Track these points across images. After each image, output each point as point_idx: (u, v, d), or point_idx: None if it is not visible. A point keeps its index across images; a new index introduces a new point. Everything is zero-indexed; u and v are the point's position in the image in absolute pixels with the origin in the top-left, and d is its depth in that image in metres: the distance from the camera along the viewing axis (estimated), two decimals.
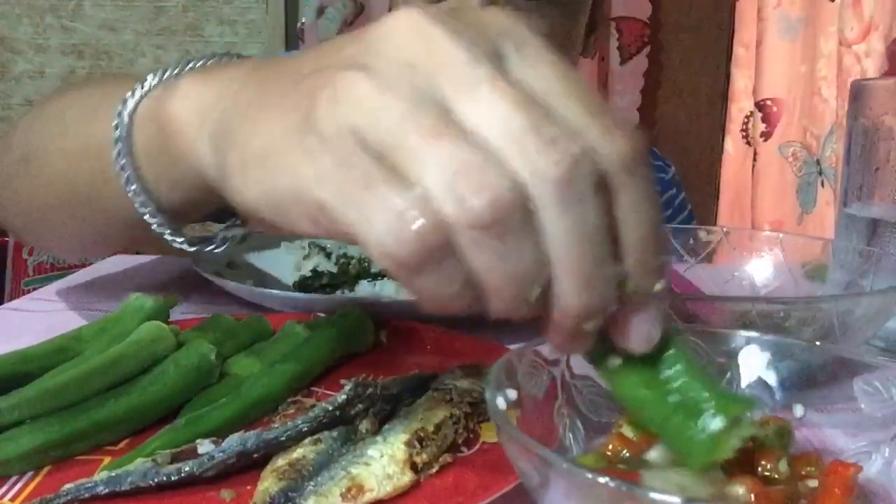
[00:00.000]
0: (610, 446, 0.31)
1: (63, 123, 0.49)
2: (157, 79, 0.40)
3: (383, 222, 0.25)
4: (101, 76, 0.49)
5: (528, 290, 0.27)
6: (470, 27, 0.27)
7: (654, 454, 0.30)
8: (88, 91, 0.50)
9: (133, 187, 0.40)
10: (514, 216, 0.25)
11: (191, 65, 0.40)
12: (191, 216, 0.44)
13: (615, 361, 0.29)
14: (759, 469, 0.29)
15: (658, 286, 0.28)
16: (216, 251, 0.43)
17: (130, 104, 0.40)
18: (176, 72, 0.40)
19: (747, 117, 2.05)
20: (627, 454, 0.31)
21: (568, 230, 0.25)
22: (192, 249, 0.42)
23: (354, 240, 0.27)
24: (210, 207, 0.41)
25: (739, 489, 0.26)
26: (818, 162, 1.91)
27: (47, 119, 0.51)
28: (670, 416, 0.28)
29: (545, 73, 0.27)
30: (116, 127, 0.40)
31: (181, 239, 0.42)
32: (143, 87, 0.40)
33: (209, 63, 0.40)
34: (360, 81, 0.26)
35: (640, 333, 0.28)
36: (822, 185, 1.91)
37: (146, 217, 0.41)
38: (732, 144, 2.10)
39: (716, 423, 0.27)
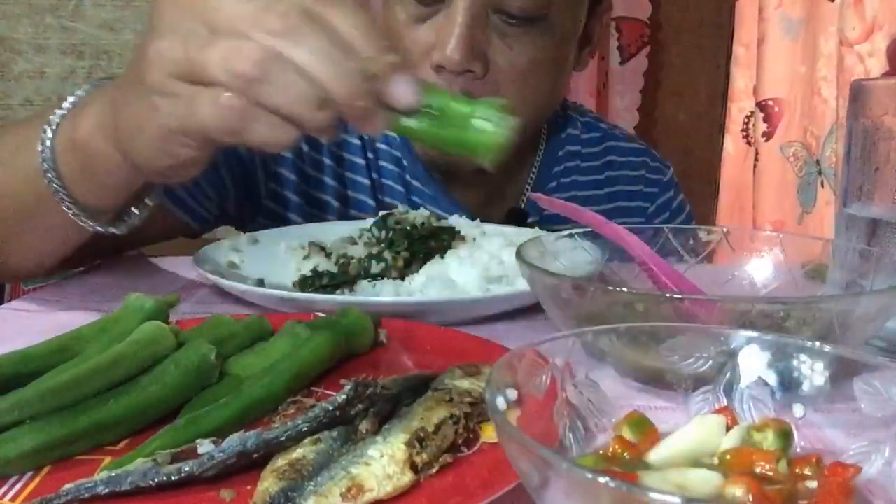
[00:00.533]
0: (610, 449, 0.31)
1: None
2: (58, 117, 0.54)
3: (198, 108, 0.41)
4: (24, 118, 0.61)
5: (306, 96, 0.41)
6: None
7: (654, 456, 0.30)
8: (15, 130, 0.60)
9: (66, 201, 0.53)
10: (265, 60, 0.40)
11: (80, 92, 0.56)
12: (111, 212, 0.57)
13: (400, 120, 0.44)
14: (758, 470, 0.29)
15: (391, 59, 0.42)
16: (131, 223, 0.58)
17: (48, 143, 0.53)
18: (70, 103, 0.55)
19: (748, 117, 2.05)
20: (627, 456, 0.31)
21: (301, 55, 0.40)
22: (113, 228, 0.56)
23: (197, 128, 0.43)
24: (122, 199, 0.56)
25: (738, 490, 0.26)
26: (818, 162, 1.91)
27: None
28: (452, 133, 0.45)
29: None
30: (43, 161, 0.53)
31: (109, 228, 0.56)
32: (52, 126, 0.54)
33: (93, 89, 0.56)
34: (154, 45, 0.42)
35: (403, 92, 0.43)
36: (822, 184, 1.91)
37: (77, 220, 0.54)
38: (733, 144, 2.10)
39: (485, 124, 0.44)
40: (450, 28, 0.72)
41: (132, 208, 0.58)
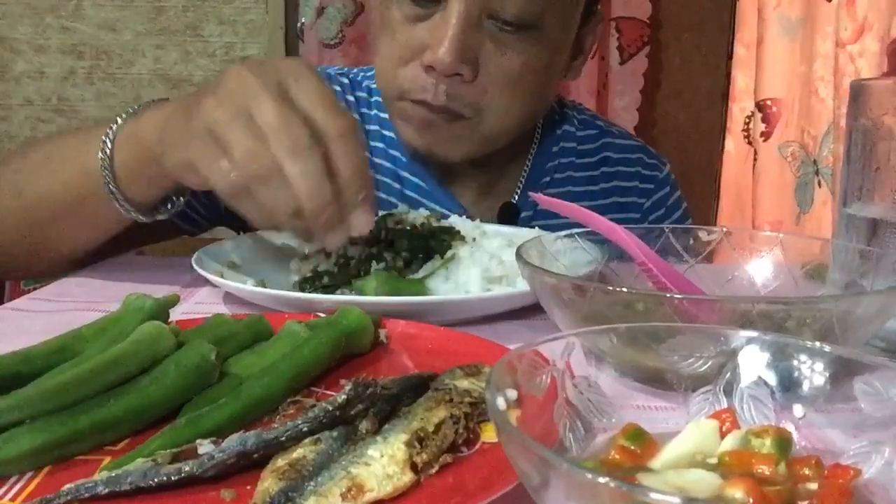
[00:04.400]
0: (610, 456, 0.31)
1: (52, 161, 0.69)
2: (119, 123, 0.64)
3: (219, 176, 0.54)
4: (66, 132, 0.76)
5: (289, 204, 0.53)
6: (267, 70, 0.56)
7: (655, 464, 0.30)
8: (63, 139, 0.72)
9: (116, 195, 0.64)
10: (270, 168, 0.52)
11: (142, 106, 0.66)
12: (151, 204, 0.67)
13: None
14: (758, 472, 0.29)
15: (361, 195, 0.55)
16: (168, 213, 0.69)
17: (114, 130, 0.64)
18: (128, 114, 0.65)
19: (748, 117, 2.06)
20: (628, 464, 0.31)
21: (292, 170, 0.52)
22: (157, 216, 0.68)
23: (206, 180, 0.56)
24: (162, 194, 0.66)
25: (738, 492, 0.26)
26: (815, 162, 1.91)
27: (33, 162, 0.71)
28: None
29: (304, 85, 0.55)
30: (103, 151, 0.63)
31: (144, 218, 0.67)
32: (119, 122, 0.64)
33: (153, 104, 0.66)
34: (210, 103, 0.55)
35: (361, 221, 0.56)
36: (819, 184, 1.91)
37: (127, 213, 0.65)
38: (734, 144, 2.10)
39: None
40: (443, 30, 0.73)
41: (166, 205, 0.69)
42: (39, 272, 0.81)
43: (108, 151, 0.63)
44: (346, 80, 0.95)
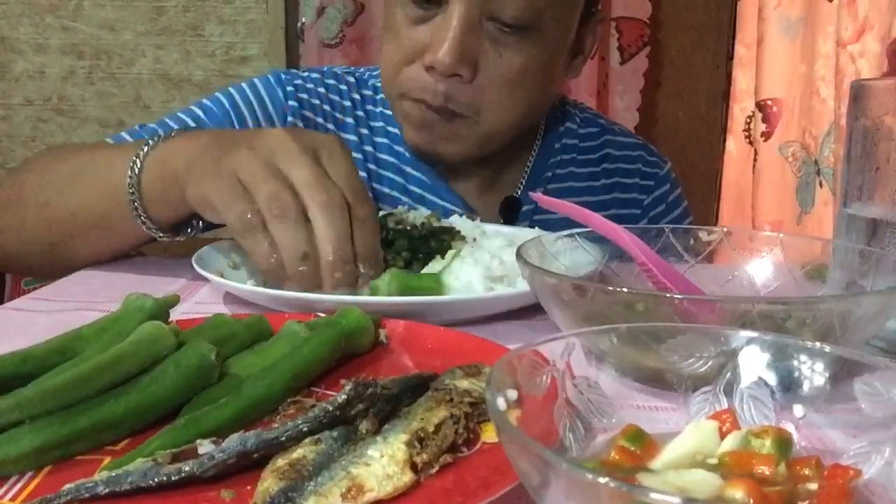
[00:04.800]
0: (610, 457, 0.31)
1: (81, 177, 0.72)
2: (154, 142, 0.67)
3: (235, 213, 0.57)
4: (93, 146, 0.81)
5: (301, 245, 0.56)
6: (305, 138, 0.60)
7: (655, 465, 0.30)
8: (91, 156, 0.74)
9: (141, 214, 0.67)
10: (294, 211, 0.56)
11: (173, 133, 0.68)
12: (174, 225, 0.70)
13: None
14: (758, 472, 0.29)
15: (371, 272, 0.60)
16: (188, 235, 0.72)
17: (145, 152, 0.66)
18: (165, 134, 0.68)
19: (749, 117, 2.05)
20: (628, 465, 0.31)
21: (323, 222, 0.56)
22: (177, 237, 0.71)
23: (219, 214, 0.60)
24: (185, 216, 0.68)
25: (738, 492, 0.26)
26: (816, 162, 1.91)
27: (62, 177, 0.74)
28: None
29: (337, 162, 0.60)
30: (132, 170, 0.66)
31: (167, 237, 0.70)
32: (150, 143, 0.67)
33: (185, 132, 0.69)
34: (244, 153, 0.58)
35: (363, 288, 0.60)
36: (821, 185, 1.91)
37: (149, 231, 0.68)
38: (735, 144, 2.10)
39: None
40: (444, 32, 0.75)
41: (187, 227, 0.72)
42: (52, 275, 0.82)
43: (136, 172, 0.66)
44: (352, 79, 0.97)
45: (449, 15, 0.75)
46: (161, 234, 0.69)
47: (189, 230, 0.71)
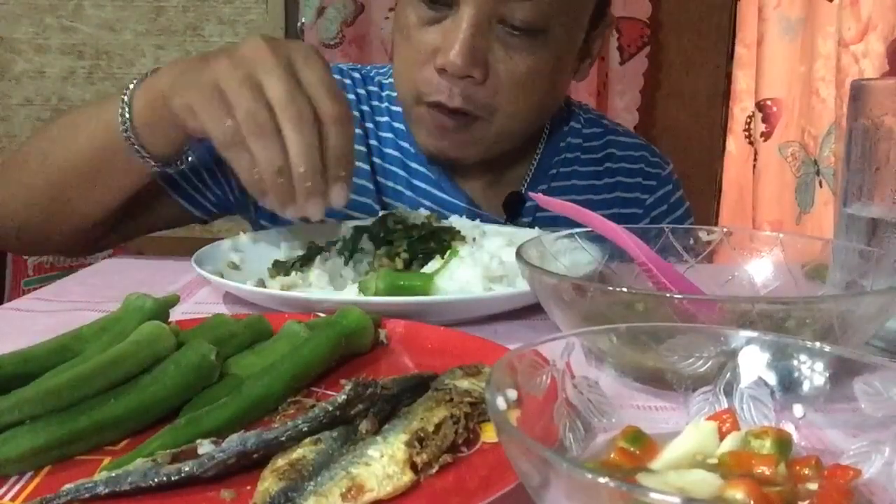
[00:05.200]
0: (610, 458, 0.31)
1: (75, 124, 0.76)
2: (140, 78, 0.71)
3: (218, 129, 0.61)
4: (87, 103, 0.86)
5: (277, 160, 0.60)
6: (281, 48, 0.63)
7: (655, 466, 0.30)
8: (85, 106, 0.78)
9: (135, 143, 0.70)
10: (270, 129, 0.59)
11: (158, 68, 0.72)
12: (167, 156, 0.72)
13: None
14: (758, 472, 0.29)
15: (343, 173, 0.63)
16: (178, 168, 0.77)
17: (133, 86, 0.70)
18: (152, 71, 0.71)
19: (749, 117, 2.05)
20: (628, 466, 0.31)
21: (293, 137, 0.60)
22: (168, 169, 0.75)
23: (203, 125, 0.62)
24: (176, 142, 0.71)
25: (738, 493, 0.26)
26: (816, 162, 1.91)
27: (59, 128, 0.78)
28: None
29: (311, 66, 0.62)
30: (122, 102, 0.70)
31: (165, 169, 0.74)
32: (134, 85, 0.71)
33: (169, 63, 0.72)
34: (225, 63, 0.61)
35: (339, 195, 0.63)
36: (820, 185, 1.91)
37: (144, 162, 0.71)
38: (735, 144, 2.09)
39: None
40: (455, 34, 0.76)
41: (180, 159, 0.75)
42: (57, 244, 0.85)
43: (125, 101, 0.69)
44: (357, 75, 0.99)
45: (459, 17, 0.76)
46: (156, 166, 0.72)
47: (179, 163, 0.75)
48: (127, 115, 0.69)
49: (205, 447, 0.34)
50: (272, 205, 0.63)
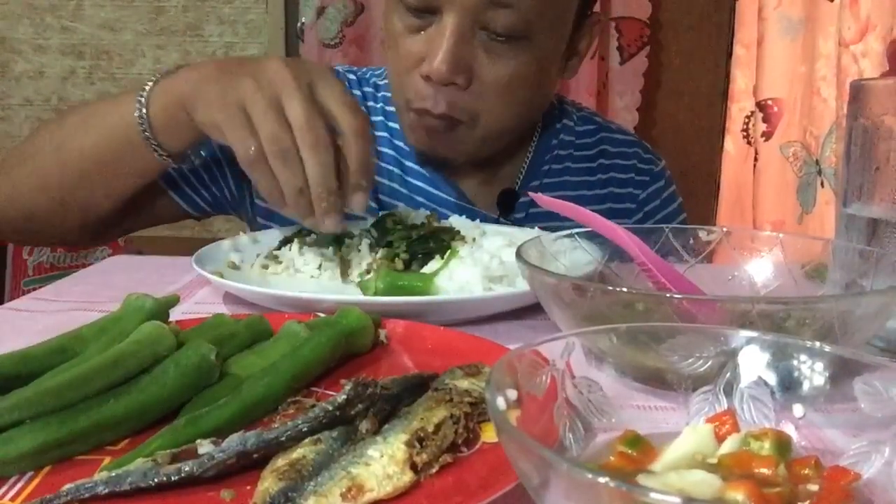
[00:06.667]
0: (609, 460, 0.31)
1: (92, 118, 0.78)
2: (158, 78, 0.74)
3: (243, 147, 0.64)
4: (99, 100, 0.85)
5: (297, 182, 0.64)
6: (302, 70, 0.66)
7: (655, 467, 0.30)
8: (98, 103, 0.81)
9: (152, 142, 0.73)
10: (291, 151, 0.63)
11: (175, 67, 0.74)
12: (180, 152, 0.76)
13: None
14: (758, 473, 0.29)
15: (363, 182, 0.66)
16: (191, 163, 0.84)
17: (151, 86, 0.73)
18: (169, 71, 0.74)
19: (748, 117, 2.05)
20: (629, 469, 0.31)
21: (311, 160, 0.63)
22: (182, 164, 0.80)
23: (229, 143, 0.66)
24: (191, 140, 0.74)
25: (738, 493, 0.26)
26: (817, 162, 1.91)
27: (73, 121, 0.80)
28: None
29: (330, 86, 0.67)
30: (139, 102, 0.72)
31: (177, 164, 0.77)
32: (153, 83, 0.73)
33: (186, 66, 0.74)
34: (249, 85, 0.65)
35: (359, 202, 0.66)
36: (822, 184, 1.90)
37: (161, 159, 0.74)
38: (733, 144, 2.09)
39: None
40: (439, 42, 0.78)
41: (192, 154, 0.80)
42: (62, 234, 0.87)
43: (143, 101, 0.72)
44: (353, 77, 1.00)
45: (443, 25, 0.78)
46: (170, 161, 0.75)
47: (192, 157, 0.80)
48: (144, 115, 0.72)
49: (205, 447, 0.34)
50: (291, 215, 0.66)
